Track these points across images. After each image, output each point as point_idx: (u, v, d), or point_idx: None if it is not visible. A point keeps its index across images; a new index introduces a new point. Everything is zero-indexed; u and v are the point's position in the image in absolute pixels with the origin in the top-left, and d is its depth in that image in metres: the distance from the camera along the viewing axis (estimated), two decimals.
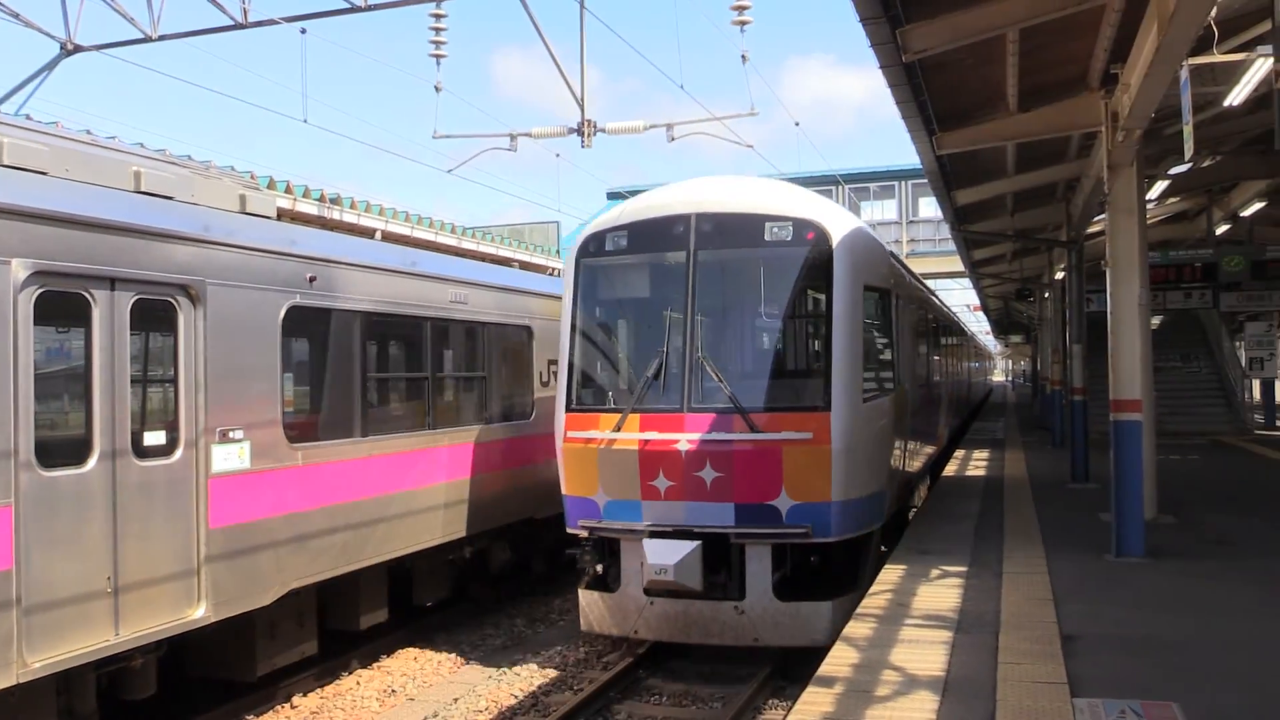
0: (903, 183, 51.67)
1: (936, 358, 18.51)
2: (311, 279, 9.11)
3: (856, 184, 50.79)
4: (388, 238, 16.41)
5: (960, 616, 8.24)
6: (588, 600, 10.11)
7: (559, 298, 13.92)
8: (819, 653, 8.10)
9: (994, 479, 17.53)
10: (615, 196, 56.13)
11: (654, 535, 9.49)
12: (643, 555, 9.48)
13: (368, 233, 16.17)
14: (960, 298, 65.74)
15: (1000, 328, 62.60)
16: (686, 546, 9.25)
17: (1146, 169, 13.50)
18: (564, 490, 10.22)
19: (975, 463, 20.56)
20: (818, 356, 9.74)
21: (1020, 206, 19.72)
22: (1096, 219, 16.71)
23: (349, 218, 16.50)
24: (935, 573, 9.98)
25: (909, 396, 12.42)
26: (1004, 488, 16.28)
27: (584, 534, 10.05)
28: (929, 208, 48.94)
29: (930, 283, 23.15)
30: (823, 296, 9.75)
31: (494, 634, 11.87)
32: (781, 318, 10.06)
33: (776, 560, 9.48)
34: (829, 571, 9.78)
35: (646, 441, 9.64)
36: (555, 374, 13.54)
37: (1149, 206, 18.77)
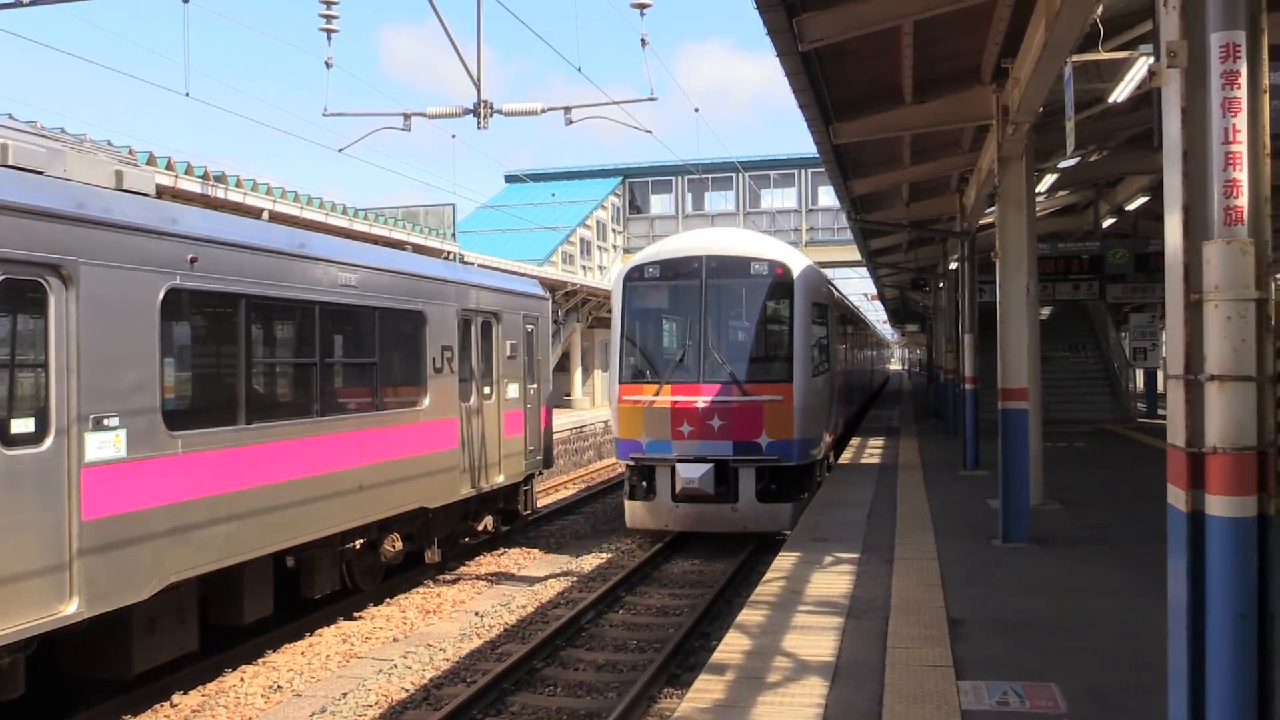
0: (802, 171, 52.48)
1: (853, 350, 25.86)
2: (193, 260, 8.90)
3: (756, 172, 51.42)
4: (275, 218, 16.05)
5: (852, 602, 8.47)
6: (632, 507, 15.27)
7: (454, 283, 13.86)
8: (781, 541, 12.59)
9: (888, 466, 17.98)
10: (513, 180, 55.74)
11: (680, 461, 14.72)
12: (672, 476, 14.82)
13: (254, 212, 15.81)
14: (858, 286, 67.10)
15: (897, 317, 63.92)
16: (704, 467, 14.55)
17: (1036, 163, 13.93)
18: (617, 435, 15.30)
19: (870, 450, 21.04)
20: (784, 347, 15.19)
21: (916, 197, 20.20)
22: (988, 211, 17.20)
23: (234, 196, 16.12)
24: (829, 559, 10.23)
25: (836, 377, 17.94)
26: (898, 475, 16.71)
27: (631, 463, 15.26)
28: (828, 196, 49.83)
29: (829, 272, 27.27)
30: (787, 309, 15.23)
31: (385, 626, 11.77)
32: (761, 323, 15.58)
33: (758, 477, 14.74)
34: (789, 485, 15.06)
35: (676, 402, 14.91)
36: (448, 360, 13.47)
37: (1038, 199, 19.36)
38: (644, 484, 15.27)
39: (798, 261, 15.61)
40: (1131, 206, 21.54)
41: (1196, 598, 4.07)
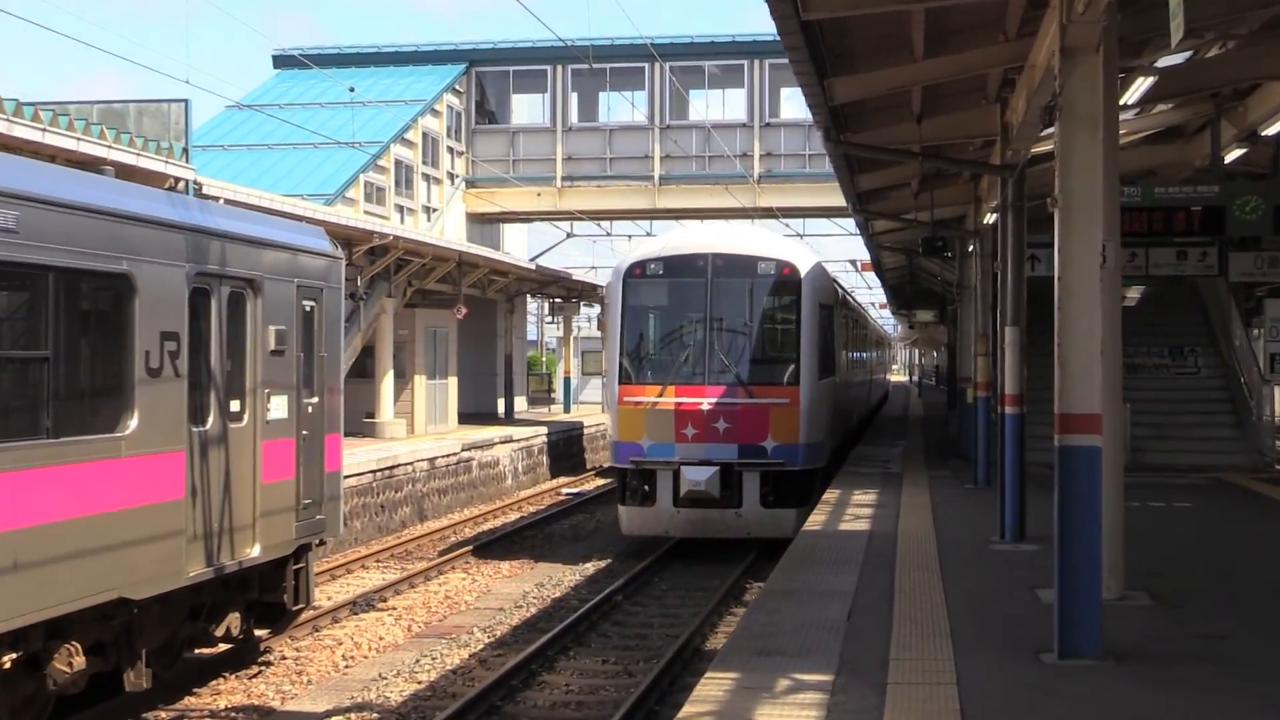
0: (755, 63, 52.64)
1: (855, 353, 37.70)
2: None
3: (682, 61, 51.45)
4: None
5: None
6: (629, 512, 23.68)
7: (184, 229, 13.66)
8: (785, 543, 18.57)
9: (883, 535, 18.13)
10: (286, 64, 55.15)
11: (685, 464, 22.52)
12: (674, 480, 22.81)
13: None
14: (840, 248, 67.72)
15: (901, 299, 64.58)
16: (710, 470, 22.56)
17: (1122, 59, 14.16)
18: (617, 438, 23.79)
19: (856, 508, 21.25)
20: (790, 349, 23.66)
21: (933, 110, 20.39)
22: (1044, 133, 17.46)
23: None
24: (783, 684, 10.28)
25: (841, 380, 27.63)
26: (896, 550, 16.87)
27: (630, 466, 23.60)
28: (795, 105, 50.27)
29: (797, 224, 33.07)
30: (794, 311, 23.63)
31: None
32: (767, 324, 23.99)
33: (763, 482, 22.79)
34: (792, 490, 23.15)
35: (680, 404, 22.89)
36: (172, 356, 13.26)
37: (1125, 118, 19.72)
38: (645, 488, 23.14)
39: (805, 261, 24.30)
40: (1270, 130, 21.91)
41: None
